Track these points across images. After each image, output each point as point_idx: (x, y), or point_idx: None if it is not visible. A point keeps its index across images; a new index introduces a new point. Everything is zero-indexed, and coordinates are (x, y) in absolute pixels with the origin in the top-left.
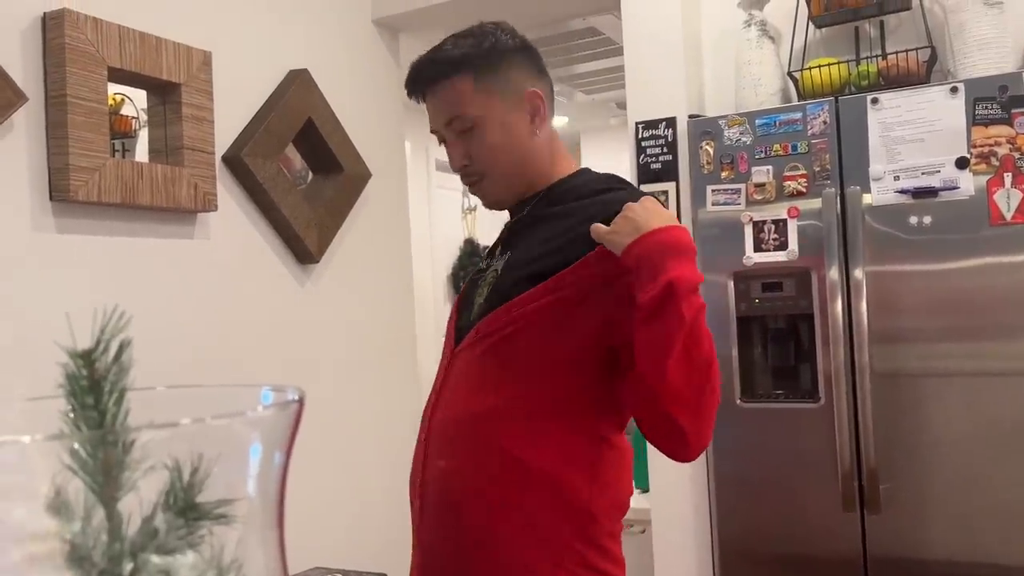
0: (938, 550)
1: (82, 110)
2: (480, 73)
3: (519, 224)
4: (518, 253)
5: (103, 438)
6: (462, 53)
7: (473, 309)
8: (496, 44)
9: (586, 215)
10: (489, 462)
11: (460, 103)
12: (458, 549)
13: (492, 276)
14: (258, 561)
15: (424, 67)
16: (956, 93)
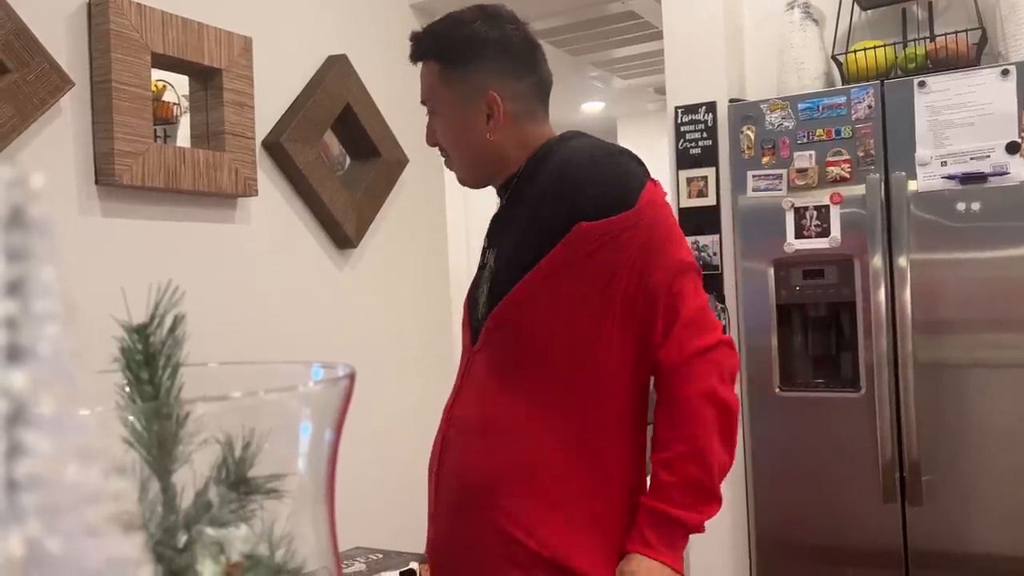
0: (981, 544)
1: (126, 95)
2: (446, 64)
3: (498, 217)
4: (504, 248)
5: (158, 410)
6: (437, 38)
7: (479, 307)
8: (473, 36)
9: (544, 191)
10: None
11: (426, 87)
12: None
13: (488, 273)
14: (308, 536)
15: (414, 40)
16: (1007, 76)
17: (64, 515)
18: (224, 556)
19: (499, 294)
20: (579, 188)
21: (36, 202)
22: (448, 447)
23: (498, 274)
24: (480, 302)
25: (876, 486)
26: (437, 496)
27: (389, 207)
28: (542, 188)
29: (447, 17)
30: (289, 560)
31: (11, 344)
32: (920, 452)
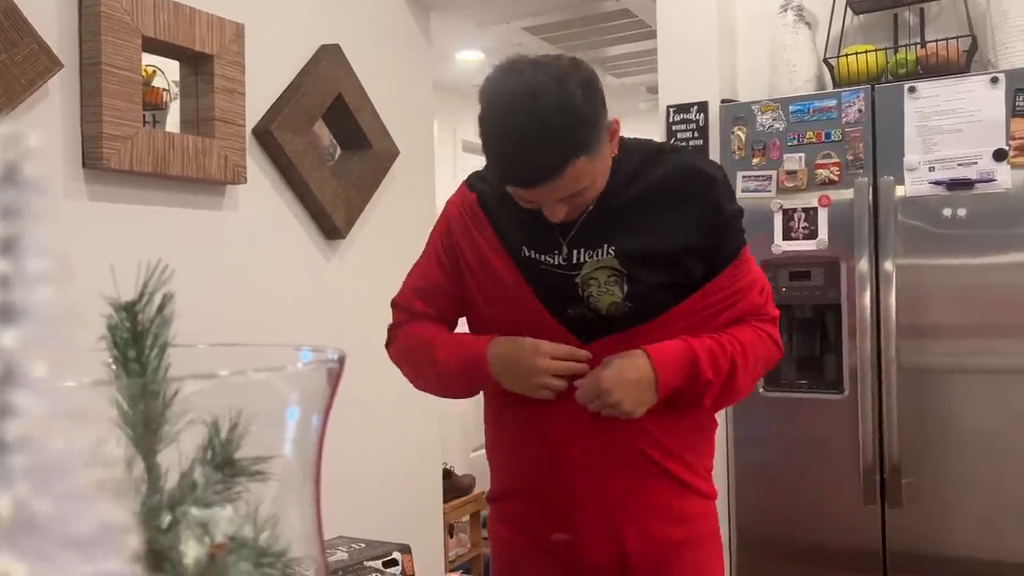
0: (960, 547)
1: (116, 79)
2: (590, 148)
3: (596, 215)
4: (628, 243)
5: (145, 388)
6: (577, 137)
7: (588, 303)
8: (596, 111)
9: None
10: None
11: (577, 180)
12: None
13: (599, 270)
14: (294, 521)
15: (542, 158)
16: (996, 84)
17: (53, 478)
18: (208, 537)
19: (642, 292)
20: (721, 196)
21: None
22: (597, 429)
23: (639, 280)
24: (597, 297)
25: (857, 488)
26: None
27: (379, 199)
28: (673, 192)
29: (557, 117)
30: (273, 543)
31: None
32: (901, 455)
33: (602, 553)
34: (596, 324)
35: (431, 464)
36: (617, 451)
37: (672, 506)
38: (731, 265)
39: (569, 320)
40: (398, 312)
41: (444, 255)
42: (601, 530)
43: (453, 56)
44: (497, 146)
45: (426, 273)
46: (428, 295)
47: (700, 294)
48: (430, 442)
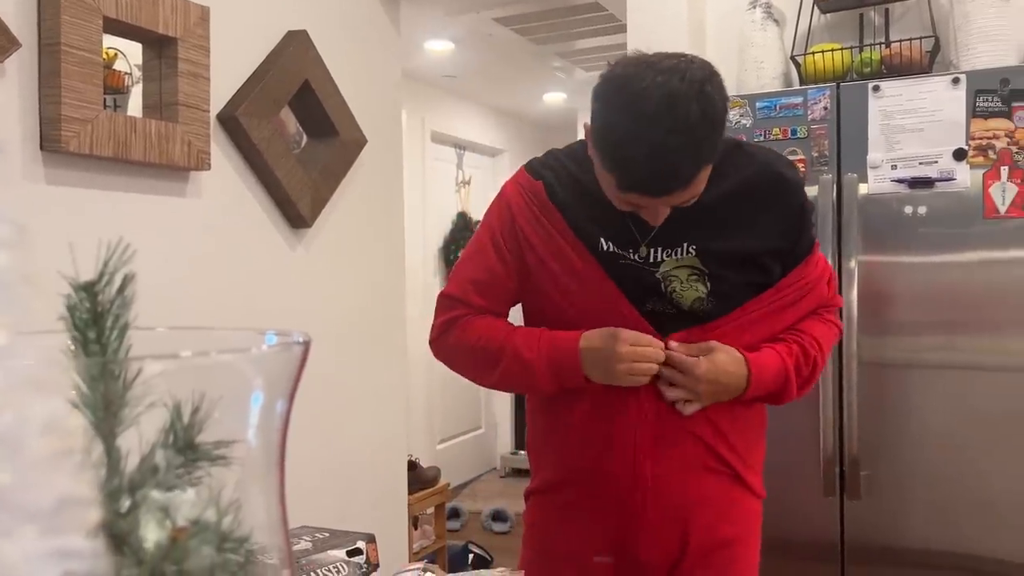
0: (915, 538)
1: (76, 60)
2: (717, 150)
3: (675, 214)
4: (710, 243)
5: (105, 368)
6: (713, 144)
7: (671, 298)
8: (726, 112)
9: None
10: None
11: (700, 186)
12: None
13: (680, 268)
14: (257, 507)
15: (681, 168)
16: (957, 84)
17: (13, 448)
18: (169, 521)
19: (725, 291)
20: (805, 200)
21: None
22: (663, 423)
23: (722, 276)
24: (681, 293)
25: (817, 480)
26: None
27: (346, 187)
28: (757, 195)
29: (697, 116)
30: (236, 528)
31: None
32: (860, 448)
33: (662, 547)
34: (675, 319)
35: (396, 456)
36: (682, 443)
37: (732, 502)
38: (804, 261)
39: (648, 313)
40: (453, 306)
41: (505, 246)
42: (666, 523)
43: (422, 45)
44: (633, 152)
45: (485, 264)
46: (486, 288)
47: (774, 288)
48: (395, 434)
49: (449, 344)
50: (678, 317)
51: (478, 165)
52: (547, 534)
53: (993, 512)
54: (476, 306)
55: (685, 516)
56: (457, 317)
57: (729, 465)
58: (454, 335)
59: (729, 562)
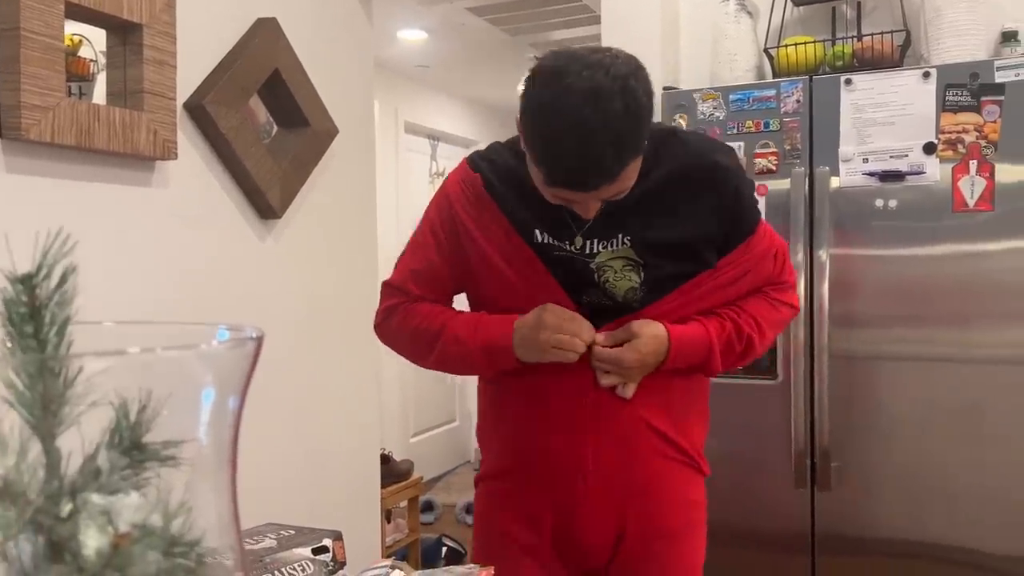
0: (885, 528)
1: (36, 45)
2: (644, 146)
3: (610, 205)
4: (644, 233)
5: (43, 365)
6: (639, 140)
7: (604, 289)
8: (652, 107)
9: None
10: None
11: (628, 180)
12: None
13: (615, 259)
14: (208, 507)
15: (605, 163)
16: (928, 78)
17: None
18: (111, 526)
19: (658, 278)
20: (740, 183)
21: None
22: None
23: (654, 264)
24: (613, 283)
25: (788, 471)
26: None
27: (316, 178)
28: (689, 182)
29: (620, 111)
30: (186, 531)
31: None
32: (831, 439)
33: (601, 533)
34: (611, 310)
35: (369, 449)
36: (622, 426)
37: (675, 484)
38: (743, 242)
39: (585, 305)
40: (393, 294)
41: (444, 237)
42: (604, 507)
43: (395, 35)
44: (557, 148)
45: (424, 255)
46: (425, 278)
47: (712, 269)
48: (368, 427)
49: (391, 329)
50: (614, 308)
51: (452, 156)
52: (493, 521)
53: (960, 502)
54: (415, 295)
55: (624, 501)
56: (397, 304)
57: (673, 445)
58: (395, 321)
59: (671, 555)
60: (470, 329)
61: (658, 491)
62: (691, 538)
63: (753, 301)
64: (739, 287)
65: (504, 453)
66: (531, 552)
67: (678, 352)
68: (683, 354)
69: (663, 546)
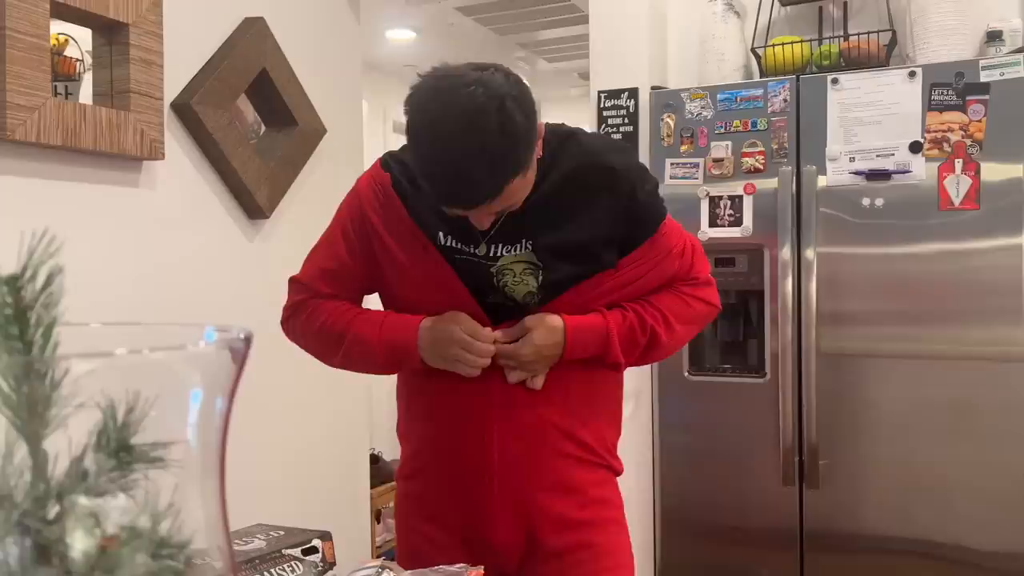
0: (872, 525)
1: (22, 45)
2: (527, 165)
3: (513, 211)
4: (545, 238)
5: (28, 367)
6: (517, 160)
7: (503, 291)
8: (533, 128)
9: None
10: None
11: (512, 196)
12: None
13: (516, 263)
14: (196, 509)
15: (483, 184)
16: (914, 78)
17: None
18: (99, 528)
19: (555, 281)
20: (635, 183)
21: None
22: (509, 405)
23: (554, 267)
24: (514, 287)
25: (776, 469)
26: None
27: (305, 178)
28: (585, 185)
29: (497, 138)
30: (174, 534)
31: None
32: (818, 437)
33: (509, 531)
34: (514, 311)
35: (358, 449)
36: (527, 423)
37: (583, 484)
38: (646, 242)
39: (489, 305)
40: (300, 290)
41: (354, 235)
42: (508, 507)
43: (384, 34)
44: (434, 168)
45: (334, 253)
46: (335, 276)
47: (609, 271)
48: (358, 427)
49: (297, 327)
50: (515, 309)
51: None
52: (408, 521)
53: (947, 498)
54: (323, 293)
55: (529, 500)
56: (303, 301)
57: (580, 444)
58: (301, 319)
59: (584, 557)
60: (374, 329)
61: (563, 490)
62: (604, 538)
63: (662, 295)
64: (641, 285)
65: (416, 453)
66: (444, 552)
67: (575, 340)
68: (580, 342)
69: (574, 548)
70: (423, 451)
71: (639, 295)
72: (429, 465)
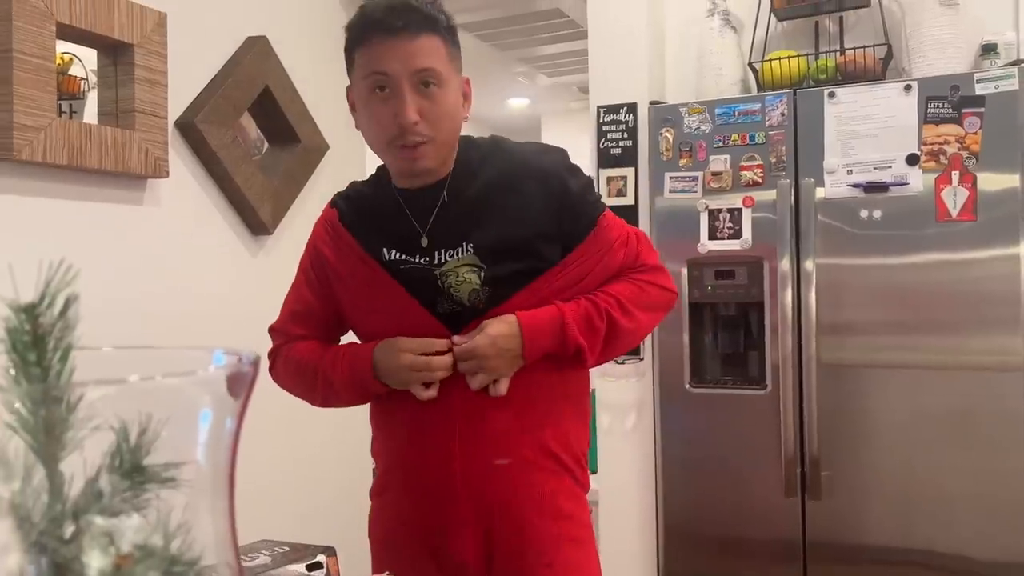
0: (875, 536)
1: (28, 66)
2: (449, 44)
3: (450, 212)
4: (483, 238)
5: (46, 393)
6: (441, 17)
7: (450, 295)
8: (455, 30)
9: (536, 180)
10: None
11: (436, 57)
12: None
13: (460, 266)
14: (206, 527)
15: (409, 10)
16: (910, 91)
17: None
18: (114, 547)
19: (498, 277)
20: (565, 178)
21: None
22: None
23: (497, 267)
24: (459, 290)
25: (779, 480)
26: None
27: (307, 193)
28: (516, 183)
29: (420, 2)
30: (185, 551)
31: None
32: (820, 448)
33: (471, 548)
34: (465, 314)
35: (361, 464)
36: (490, 435)
37: (542, 494)
38: (586, 237)
39: (442, 315)
40: (276, 337)
41: (314, 275)
42: (468, 522)
43: None
44: (363, 10)
45: (300, 296)
46: (303, 318)
47: (559, 266)
48: (360, 442)
49: (279, 373)
50: (466, 313)
51: None
52: (379, 537)
53: (951, 509)
54: (296, 335)
55: (490, 515)
56: (279, 347)
57: (546, 453)
58: (279, 364)
59: (553, 562)
60: (334, 366)
61: (523, 504)
62: (570, 556)
63: (613, 283)
64: (591, 280)
65: (386, 470)
66: (414, 567)
67: (531, 329)
68: (536, 331)
69: (536, 566)
70: (392, 468)
71: (591, 290)
72: (397, 481)
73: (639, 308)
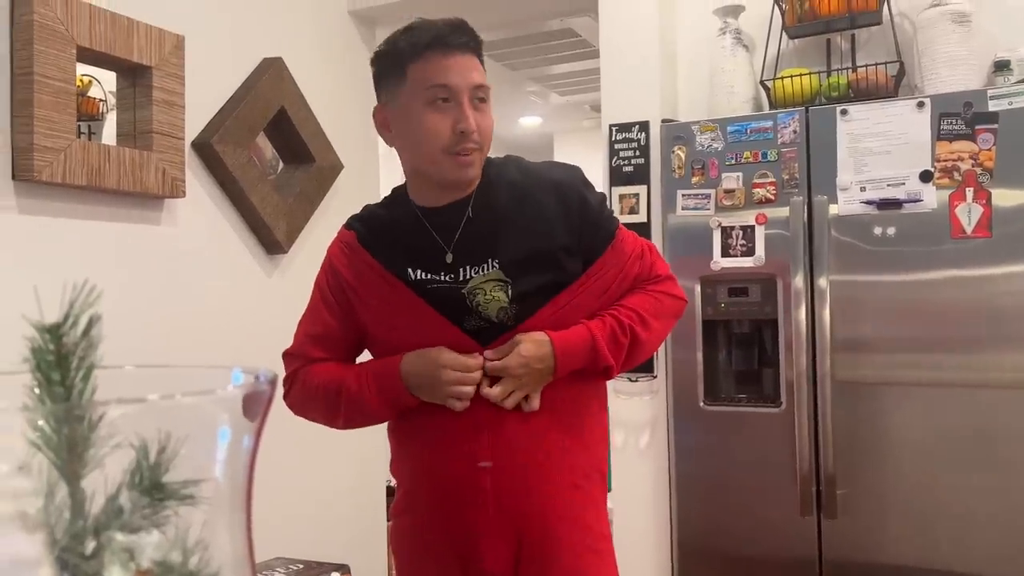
0: (892, 555)
1: (49, 89)
2: (483, 65)
3: (475, 229)
4: (508, 253)
5: (69, 412)
6: (478, 40)
7: (478, 312)
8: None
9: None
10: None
11: (484, 75)
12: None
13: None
14: (224, 544)
15: (464, 30)
16: (922, 108)
17: None
18: (134, 563)
19: (525, 293)
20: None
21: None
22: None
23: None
24: (487, 307)
25: (794, 499)
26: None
27: (322, 213)
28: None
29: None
30: (203, 568)
31: None
32: (836, 466)
33: (499, 554)
34: (493, 331)
35: (375, 481)
36: (519, 447)
37: (571, 505)
38: (605, 251)
39: (470, 330)
40: (292, 361)
41: (332, 297)
42: (498, 530)
43: None
44: (419, 25)
45: (317, 319)
46: (322, 340)
47: (582, 279)
48: (374, 459)
49: (296, 397)
50: (494, 329)
51: None
52: (404, 556)
53: (968, 528)
54: (314, 358)
55: (520, 522)
56: (296, 371)
57: (573, 464)
58: (297, 388)
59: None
60: (363, 381)
61: (550, 513)
62: (588, 566)
63: (631, 296)
64: (611, 294)
65: (411, 488)
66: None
67: (563, 352)
68: (569, 353)
69: (568, 567)
70: (418, 480)
71: (612, 303)
72: (424, 493)
73: (655, 318)
